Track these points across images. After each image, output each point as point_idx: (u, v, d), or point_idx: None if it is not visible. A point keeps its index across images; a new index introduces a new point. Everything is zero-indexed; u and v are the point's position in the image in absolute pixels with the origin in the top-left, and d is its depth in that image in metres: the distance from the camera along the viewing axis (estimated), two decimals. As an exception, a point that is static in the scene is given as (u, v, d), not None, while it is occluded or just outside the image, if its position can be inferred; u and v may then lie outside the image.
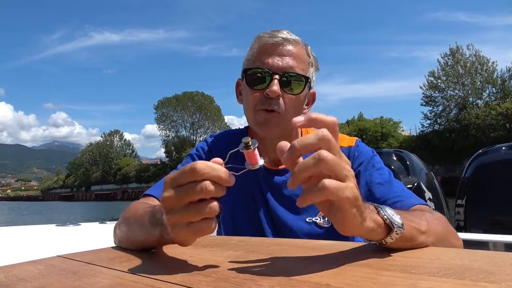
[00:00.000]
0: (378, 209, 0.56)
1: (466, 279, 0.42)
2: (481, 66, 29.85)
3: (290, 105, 0.96)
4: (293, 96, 0.96)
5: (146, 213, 0.68)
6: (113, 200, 54.56)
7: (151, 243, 0.67)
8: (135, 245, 0.73)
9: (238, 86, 1.10)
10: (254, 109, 0.97)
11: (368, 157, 1.00)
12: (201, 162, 0.50)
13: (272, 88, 0.93)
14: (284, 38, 0.97)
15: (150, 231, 0.64)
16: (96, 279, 0.52)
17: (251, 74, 0.97)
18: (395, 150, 2.70)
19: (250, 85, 0.97)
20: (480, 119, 27.16)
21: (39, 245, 1.50)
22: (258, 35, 1.02)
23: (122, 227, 0.79)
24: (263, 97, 0.95)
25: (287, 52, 0.96)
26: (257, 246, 0.71)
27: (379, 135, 31.08)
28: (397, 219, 0.55)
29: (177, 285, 0.46)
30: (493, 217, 2.12)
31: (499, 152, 2.30)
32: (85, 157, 78.11)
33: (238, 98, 1.10)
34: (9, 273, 0.59)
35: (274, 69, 0.94)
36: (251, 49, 1.02)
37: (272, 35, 0.98)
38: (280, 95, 0.95)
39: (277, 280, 0.46)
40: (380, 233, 0.55)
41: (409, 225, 0.59)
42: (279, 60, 0.95)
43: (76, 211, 29.41)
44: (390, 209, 0.57)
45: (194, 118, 57.84)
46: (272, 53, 0.96)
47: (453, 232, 0.77)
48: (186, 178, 0.50)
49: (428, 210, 0.80)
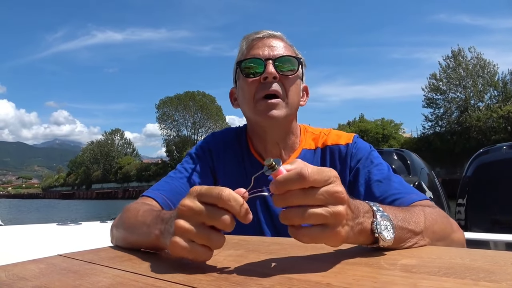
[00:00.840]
0: (373, 218, 0.56)
1: (467, 279, 0.42)
2: (482, 69, 29.82)
3: (288, 86, 0.97)
4: (290, 76, 0.97)
5: (151, 214, 0.69)
6: (114, 199, 54.47)
7: (147, 244, 0.67)
8: (132, 245, 0.73)
9: (232, 94, 1.11)
10: (254, 99, 0.97)
11: (366, 153, 1.00)
12: (228, 192, 0.51)
13: (268, 70, 0.94)
14: (269, 34, 1.01)
15: (150, 230, 0.64)
16: (96, 278, 0.52)
17: (245, 65, 0.98)
18: (396, 149, 2.70)
19: (246, 74, 0.98)
20: (481, 121, 27.13)
21: (40, 244, 1.50)
22: (244, 36, 1.04)
23: (120, 228, 0.79)
24: (261, 83, 0.96)
25: (274, 43, 0.99)
26: (258, 245, 0.71)
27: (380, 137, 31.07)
28: (387, 234, 0.56)
29: (178, 284, 0.46)
30: (494, 217, 2.11)
31: (500, 151, 2.29)
32: (86, 155, 77.96)
33: (233, 104, 1.10)
34: (10, 272, 0.59)
35: (266, 57, 0.96)
36: (240, 50, 1.04)
37: (257, 32, 1.02)
38: (277, 78, 0.96)
39: (278, 279, 0.46)
40: (365, 241, 0.57)
41: (403, 228, 0.60)
42: (269, 50, 0.98)
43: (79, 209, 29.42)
44: (386, 219, 0.57)
45: (196, 118, 57.84)
46: (260, 46, 0.99)
47: (454, 227, 0.77)
48: (210, 199, 0.51)
49: (428, 205, 0.80)
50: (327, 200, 0.48)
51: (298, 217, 0.48)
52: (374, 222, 0.56)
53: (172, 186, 0.99)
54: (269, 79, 0.95)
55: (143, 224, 0.68)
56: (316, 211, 0.47)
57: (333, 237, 0.48)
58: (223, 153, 1.08)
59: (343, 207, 0.48)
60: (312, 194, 0.47)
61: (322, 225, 0.48)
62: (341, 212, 0.48)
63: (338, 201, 0.48)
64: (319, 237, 0.48)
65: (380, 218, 0.56)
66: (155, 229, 0.62)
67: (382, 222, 0.56)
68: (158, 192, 0.95)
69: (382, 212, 0.58)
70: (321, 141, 1.06)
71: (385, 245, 0.57)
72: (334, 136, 1.05)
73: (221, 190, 0.51)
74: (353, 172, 0.98)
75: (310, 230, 0.48)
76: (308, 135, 1.08)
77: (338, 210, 0.48)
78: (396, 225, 0.58)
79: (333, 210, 0.48)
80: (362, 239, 0.56)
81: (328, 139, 1.05)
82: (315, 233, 0.48)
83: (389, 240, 0.56)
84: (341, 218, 0.48)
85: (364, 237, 0.55)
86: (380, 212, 0.58)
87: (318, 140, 1.06)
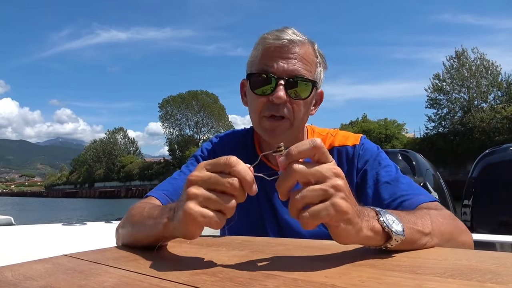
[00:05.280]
0: (378, 214, 0.57)
1: (473, 280, 0.41)
2: (486, 69, 29.65)
3: (297, 110, 0.93)
4: (300, 101, 0.93)
5: (157, 208, 0.71)
6: (117, 198, 54.47)
7: (155, 235, 0.67)
8: (139, 241, 0.73)
9: (243, 86, 1.05)
10: (260, 115, 0.94)
11: (374, 155, 0.99)
12: (236, 158, 0.53)
13: (278, 94, 0.89)
14: (290, 40, 0.92)
15: (158, 220, 0.65)
16: (102, 278, 0.52)
17: (255, 79, 0.93)
18: (401, 150, 2.69)
19: (255, 90, 0.93)
20: (485, 122, 26.94)
21: (46, 244, 1.51)
22: (262, 35, 0.97)
23: (127, 226, 0.79)
24: (269, 102, 0.91)
25: (293, 55, 0.91)
26: (262, 246, 0.71)
27: (383, 137, 30.90)
28: (397, 227, 0.56)
29: (182, 284, 0.46)
30: (500, 218, 2.10)
31: (506, 152, 2.27)
32: (89, 154, 77.92)
33: (243, 99, 1.05)
34: (16, 271, 0.59)
35: (279, 73, 0.90)
36: (255, 49, 0.97)
37: (277, 36, 0.92)
38: (287, 101, 0.91)
39: (282, 280, 0.46)
40: (379, 240, 0.56)
41: (412, 229, 0.60)
42: (284, 63, 0.91)
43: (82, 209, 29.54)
44: (392, 214, 0.58)
45: (198, 117, 57.80)
46: (277, 56, 0.91)
47: (461, 229, 0.75)
48: (218, 167, 0.54)
49: (435, 207, 0.79)
50: (327, 174, 0.50)
51: (300, 196, 0.50)
52: (380, 219, 0.56)
53: (175, 186, 0.99)
54: (276, 102, 0.90)
55: (150, 217, 0.69)
56: (315, 187, 0.50)
57: (334, 208, 0.49)
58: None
59: (342, 180, 0.51)
60: (314, 168, 0.50)
61: (323, 201, 0.50)
62: (339, 184, 0.50)
63: (336, 175, 0.51)
64: (320, 212, 0.49)
65: (384, 214, 0.57)
66: (163, 218, 0.63)
67: (388, 216, 0.57)
68: (162, 192, 0.96)
69: (385, 211, 0.58)
70: (328, 142, 1.04)
71: (398, 240, 0.56)
72: (341, 137, 1.04)
73: (228, 157, 0.53)
74: (360, 174, 0.97)
75: (312, 207, 0.50)
76: (315, 136, 1.07)
77: (336, 182, 0.50)
78: (404, 226, 0.58)
79: (331, 183, 0.50)
80: (372, 237, 0.55)
81: (335, 140, 1.04)
82: (316, 208, 0.49)
83: (400, 232, 0.56)
84: (340, 188, 0.50)
85: (374, 233, 0.55)
86: (383, 211, 0.58)
87: (325, 141, 1.04)
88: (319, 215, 0.49)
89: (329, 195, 0.50)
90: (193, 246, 0.75)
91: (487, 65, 29.85)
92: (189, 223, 0.54)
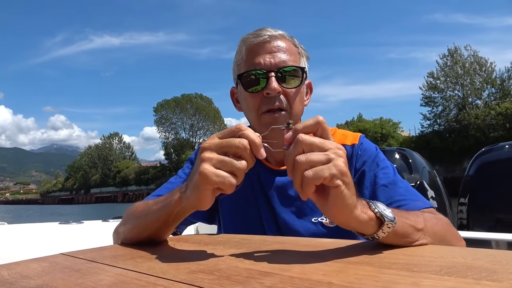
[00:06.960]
0: (369, 203, 0.59)
1: (469, 278, 0.42)
2: (480, 66, 29.78)
3: (292, 99, 0.94)
4: (293, 89, 0.94)
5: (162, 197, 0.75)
6: (113, 203, 54.48)
7: (166, 215, 0.70)
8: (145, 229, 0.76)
9: (233, 94, 1.07)
10: (258, 113, 0.95)
11: (372, 155, 0.98)
12: (244, 125, 0.59)
13: (271, 85, 0.90)
14: (270, 35, 0.95)
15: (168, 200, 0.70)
16: (98, 277, 0.52)
17: (246, 78, 0.95)
18: (398, 148, 2.70)
19: (248, 89, 0.95)
20: (479, 119, 27.06)
21: (43, 242, 1.51)
22: (242, 38, 0.99)
23: (130, 220, 0.81)
24: (264, 97, 0.93)
25: (276, 48, 0.94)
26: (259, 244, 0.71)
27: (379, 136, 30.98)
28: (388, 213, 0.58)
29: (179, 282, 0.46)
30: (496, 216, 2.11)
31: (502, 150, 2.28)
32: (84, 160, 77.64)
33: (236, 106, 1.06)
34: (12, 270, 0.59)
35: (268, 68, 0.92)
36: (238, 53, 0.99)
37: (257, 34, 0.96)
38: (281, 92, 0.92)
39: (279, 278, 0.46)
40: (372, 226, 0.58)
41: (404, 222, 0.61)
42: (270, 57, 0.93)
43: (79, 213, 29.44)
44: (382, 204, 0.60)
45: (194, 120, 57.70)
46: (262, 52, 0.94)
47: (455, 234, 0.76)
48: (229, 134, 0.60)
49: (431, 213, 0.80)
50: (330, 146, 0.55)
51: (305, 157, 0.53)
52: (372, 206, 0.58)
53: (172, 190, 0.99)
54: (271, 94, 0.92)
55: (157, 203, 0.74)
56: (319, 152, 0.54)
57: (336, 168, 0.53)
58: None
59: (343, 152, 0.56)
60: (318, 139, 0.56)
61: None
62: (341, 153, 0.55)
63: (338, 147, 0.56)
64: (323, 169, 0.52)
65: (375, 203, 0.59)
66: (174, 195, 0.68)
67: (379, 205, 0.59)
68: (158, 197, 0.96)
69: (376, 201, 0.61)
70: None
71: (390, 227, 0.57)
72: (340, 136, 1.03)
73: (238, 124, 0.60)
74: (358, 174, 0.97)
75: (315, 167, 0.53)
76: None
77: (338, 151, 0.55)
78: (396, 218, 0.59)
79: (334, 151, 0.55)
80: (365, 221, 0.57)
81: (333, 138, 1.04)
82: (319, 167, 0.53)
83: (392, 218, 0.57)
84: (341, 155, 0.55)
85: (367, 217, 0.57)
86: (374, 201, 0.60)
87: None
88: (322, 172, 0.52)
89: (331, 159, 0.54)
90: (191, 244, 0.75)
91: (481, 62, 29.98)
92: (204, 184, 0.58)
